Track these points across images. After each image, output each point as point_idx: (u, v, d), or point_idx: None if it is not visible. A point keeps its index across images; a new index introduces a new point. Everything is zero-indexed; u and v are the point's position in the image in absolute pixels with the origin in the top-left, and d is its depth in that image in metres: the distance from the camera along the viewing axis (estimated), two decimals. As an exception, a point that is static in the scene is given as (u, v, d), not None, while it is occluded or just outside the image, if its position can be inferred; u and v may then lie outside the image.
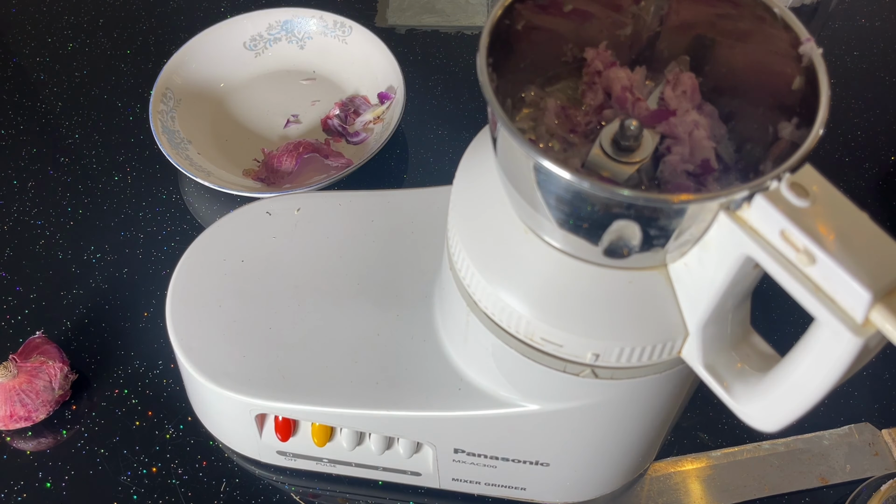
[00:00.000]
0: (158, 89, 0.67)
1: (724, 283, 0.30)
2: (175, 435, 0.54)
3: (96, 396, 0.55)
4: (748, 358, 0.34)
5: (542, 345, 0.35)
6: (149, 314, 0.59)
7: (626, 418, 0.41)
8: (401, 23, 0.80)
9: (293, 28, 0.74)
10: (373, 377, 0.44)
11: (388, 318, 0.46)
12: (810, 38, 0.31)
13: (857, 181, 0.68)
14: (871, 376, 0.57)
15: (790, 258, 0.26)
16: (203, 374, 0.45)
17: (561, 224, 0.31)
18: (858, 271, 0.25)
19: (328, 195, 0.53)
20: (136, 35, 0.78)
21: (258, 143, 0.68)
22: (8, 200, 0.66)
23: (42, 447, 0.53)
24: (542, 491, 0.49)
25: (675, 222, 0.29)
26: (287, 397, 0.44)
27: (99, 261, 0.62)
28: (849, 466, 0.53)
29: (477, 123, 0.70)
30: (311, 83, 0.73)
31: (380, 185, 0.67)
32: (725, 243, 0.29)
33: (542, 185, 0.30)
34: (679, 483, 0.52)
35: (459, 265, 0.37)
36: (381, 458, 0.50)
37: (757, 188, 0.28)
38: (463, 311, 0.39)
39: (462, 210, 0.37)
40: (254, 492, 0.52)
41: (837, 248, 0.26)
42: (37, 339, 0.54)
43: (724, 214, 0.28)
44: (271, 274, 0.49)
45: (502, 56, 0.32)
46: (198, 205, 0.66)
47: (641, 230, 0.29)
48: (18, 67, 0.76)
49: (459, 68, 0.76)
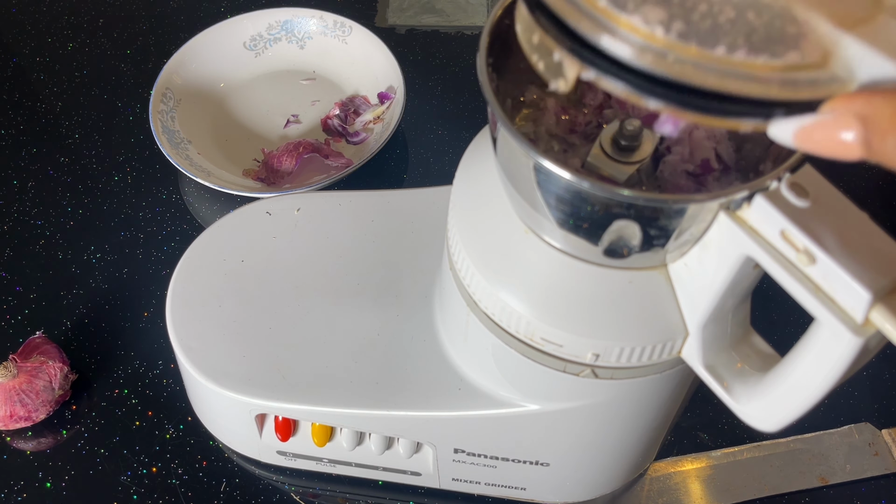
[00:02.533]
0: (158, 89, 0.67)
1: (724, 283, 0.30)
2: (175, 435, 0.54)
3: (96, 396, 0.55)
4: (748, 358, 0.34)
5: (542, 345, 0.35)
6: (149, 314, 0.59)
7: (626, 418, 0.41)
8: (401, 23, 0.80)
9: (293, 28, 0.74)
10: (373, 377, 0.44)
11: (388, 318, 0.46)
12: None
13: (857, 181, 0.68)
14: (871, 376, 0.57)
15: (790, 258, 0.26)
16: (203, 374, 0.45)
17: (561, 224, 0.31)
18: (858, 271, 0.25)
19: (328, 195, 0.53)
20: (136, 35, 0.78)
21: (258, 143, 0.68)
22: (8, 200, 0.66)
23: (42, 447, 0.53)
24: (542, 491, 0.49)
25: (675, 222, 0.29)
26: (287, 397, 0.44)
27: (99, 261, 0.62)
28: (849, 466, 0.53)
29: (477, 123, 0.70)
30: (311, 83, 0.73)
31: (380, 185, 0.67)
32: (725, 243, 0.29)
33: (542, 185, 0.30)
34: (679, 483, 0.52)
35: (459, 265, 0.37)
36: (381, 458, 0.50)
37: (757, 188, 0.28)
38: (463, 310, 0.39)
39: (462, 210, 0.37)
40: (254, 492, 0.52)
41: (837, 248, 0.26)
42: (37, 339, 0.54)
43: (724, 214, 0.28)
44: (271, 274, 0.49)
45: (502, 56, 0.32)
46: (198, 205, 0.66)
47: (641, 230, 0.29)
48: (18, 67, 0.76)
49: (459, 68, 0.76)
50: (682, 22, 0.23)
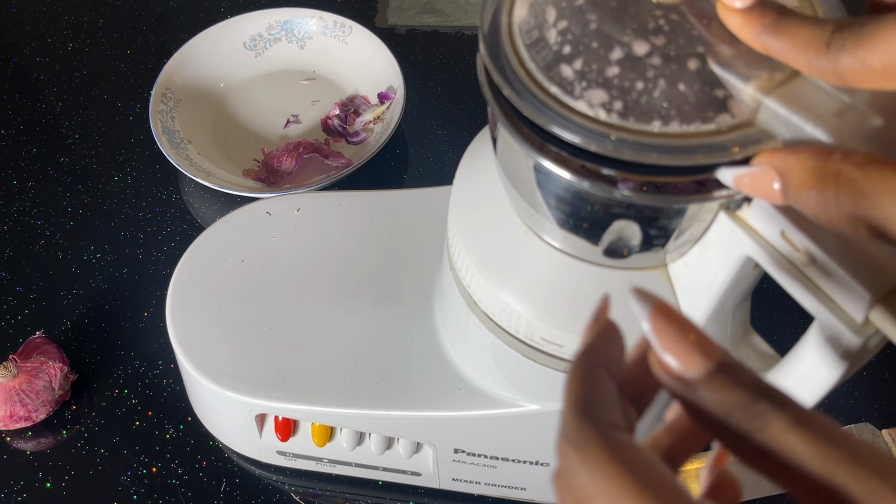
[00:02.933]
0: (158, 89, 0.67)
1: (724, 283, 0.30)
2: (175, 435, 0.54)
3: (96, 396, 0.55)
4: (748, 358, 0.34)
5: (542, 345, 0.35)
6: (149, 314, 0.59)
7: (626, 418, 0.41)
8: (401, 23, 0.80)
9: (293, 28, 0.74)
10: (373, 377, 0.44)
11: (388, 317, 0.46)
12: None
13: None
14: (871, 376, 0.57)
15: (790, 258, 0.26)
16: (203, 374, 0.45)
17: (561, 224, 0.31)
18: (858, 271, 0.25)
19: (328, 195, 0.53)
20: (136, 35, 0.78)
21: (258, 143, 0.68)
22: (8, 200, 0.66)
23: (42, 447, 0.53)
24: (542, 491, 0.49)
25: (675, 222, 0.29)
26: (287, 397, 0.44)
27: (99, 261, 0.62)
28: (849, 466, 0.53)
29: (477, 123, 0.70)
30: (311, 83, 0.73)
31: (380, 185, 0.67)
32: (725, 243, 0.29)
33: (541, 185, 0.30)
34: (679, 483, 0.52)
35: (459, 265, 0.37)
36: (381, 458, 0.50)
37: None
38: (463, 310, 0.39)
39: (462, 210, 0.37)
40: (254, 492, 0.52)
41: (837, 248, 0.26)
42: (37, 339, 0.54)
43: (724, 214, 0.28)
44: (271, 274, 0.49)
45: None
46: (198, 205, 0.66)
47: (641, 230, 0.29)
48: (18, 67, 0.76)
49: (459, 68, 0.76)
50: (621, 102, 0.26)
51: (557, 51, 0.27)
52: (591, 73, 0.26)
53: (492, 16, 0.29)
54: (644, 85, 0.26)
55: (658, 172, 0.26)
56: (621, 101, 0.26)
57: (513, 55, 0.28)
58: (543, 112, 0.26)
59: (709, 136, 0.25)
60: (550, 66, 0.27)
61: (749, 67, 0.25)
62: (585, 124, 0.26)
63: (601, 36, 0.27)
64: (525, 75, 0.27)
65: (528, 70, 0.27)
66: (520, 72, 0.27)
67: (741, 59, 0.25)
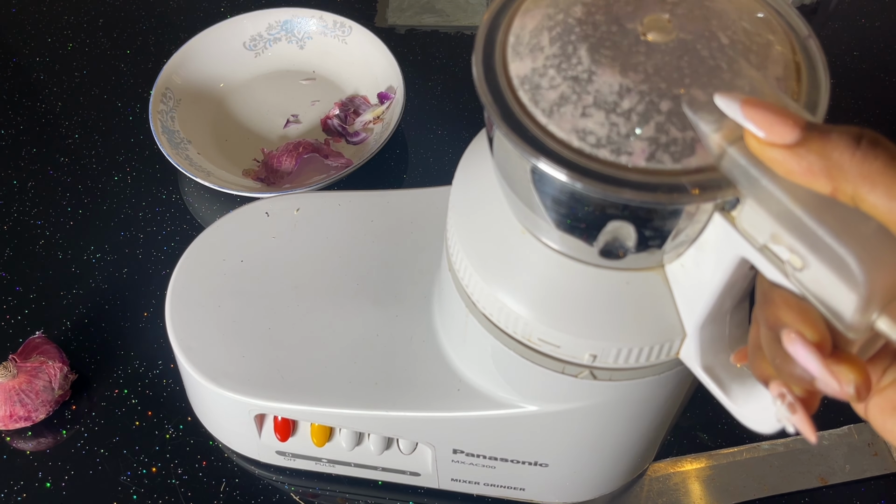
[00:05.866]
0: (158, 89, 0.67)
1: (720, 283, 0.30)
2: (175, 435, 0.54)
3: (96, 396, 0.55)
4: (746, 359, 0.34)
5: (540, 346, 0.35)
6: (149, 314, 0.59)
7: (624, 420, 0.41)
8: (401, 23, 0.80)
9: (293, 28, 0.74)
10: (372, 377, 0.44)
11: (387, 318, 0.46)
12: (811, 34, 0.30)
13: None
14: (871, 376, 0.57)
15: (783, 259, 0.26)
16: (203, 374, 0.45)
17: (557, 225, 0.31)
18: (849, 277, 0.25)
19: (328, 195, 0.53)
20: (136, 35, 0.78)
21: (258, 143, 0.68)
22: (8, 200, 0.66)
23: (42, 447, 0.53)
24: (541, 491, 0.49)
25: (670, 223, 0.29)
26: (286, 397, 0.45)
27: (99, 261, 0.62)
28: (848, 466, 0.53)
29: (477, 123, 0.70)
30: (310, 83, 0.73)
31: (380, 185, 0.67)
32: (721, 244, 0.29)
33: (537, 186, 0.30)
34: (679, 483, 0.52)
35: (458, 266, 0.37)
36: (380, 459, 0.50)
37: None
38: (462, 311, 0.39)
39: (461, 210, 0.37)
40: (254, 492, 0.52)
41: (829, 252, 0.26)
42: (37, 339, 0.54)
43: (719, 215, 0.28)
44: (271, 274, 0.49)
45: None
46: (198, 205, 0.66)
47: (637, 231, 0.29)
48: (18, 67, 0.76)
49: (459, 68, 0.76)
50: (593, 135, 0.27)
51: (541, 74, 0.29)
52: (569, 100, 0.28)
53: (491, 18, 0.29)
54: (617, 119, 0.27)
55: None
56: (593, 134, 0.27)
57: (501, 70, 0.30)
58: (521, 133, 0.28)
59: (672, 176, 0.27)
60: (534, 90, 0.29)
61: (720, 115, 0.26)
62: (558, 149, 0.28)
63: (587, 69, 0.28)
64: (511, 95, 0.29)
65: (513, 89, 0.29)
66: (507, 93, 0.29)
67: (713, 106, 0.26)
